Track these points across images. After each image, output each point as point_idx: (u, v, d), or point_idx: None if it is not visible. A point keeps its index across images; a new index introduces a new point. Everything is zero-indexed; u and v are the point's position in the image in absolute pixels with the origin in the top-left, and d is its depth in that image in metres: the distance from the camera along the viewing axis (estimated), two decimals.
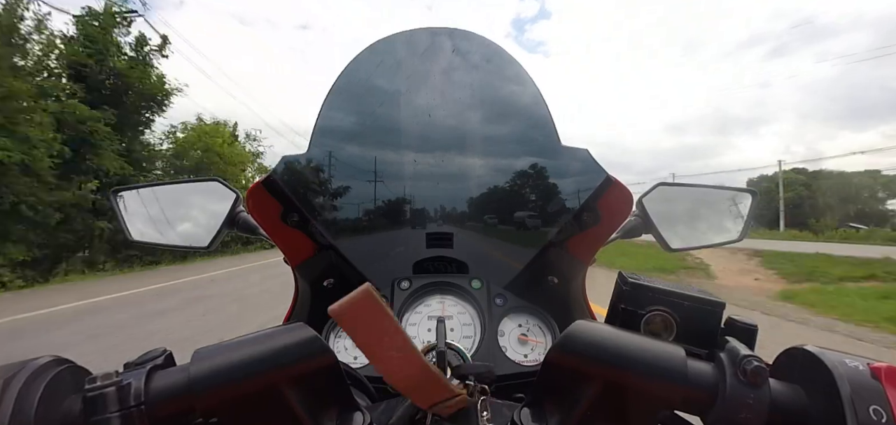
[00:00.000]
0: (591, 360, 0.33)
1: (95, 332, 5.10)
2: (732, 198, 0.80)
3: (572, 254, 0.63)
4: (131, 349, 0.37)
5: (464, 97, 0.65)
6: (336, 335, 0.58)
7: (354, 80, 0.63)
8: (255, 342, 0.33)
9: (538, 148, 0.63)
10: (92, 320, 5.82)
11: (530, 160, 0.63)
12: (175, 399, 0.30)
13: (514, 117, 0.66)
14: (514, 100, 0.66)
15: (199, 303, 6.82)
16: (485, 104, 0.65)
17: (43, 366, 0.29)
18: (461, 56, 0.65)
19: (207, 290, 8.17)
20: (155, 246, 0.76)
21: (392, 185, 0.63)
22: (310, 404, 0.34)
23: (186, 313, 6.12)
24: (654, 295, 0.38)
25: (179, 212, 0.77)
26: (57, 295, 8.04)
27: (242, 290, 8.06)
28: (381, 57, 0.64)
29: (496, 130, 0.65)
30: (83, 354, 3.25)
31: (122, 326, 5.47)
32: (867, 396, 0.28)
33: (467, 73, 0.65)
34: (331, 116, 0.62)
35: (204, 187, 0.78)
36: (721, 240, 0.79)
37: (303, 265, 0.64)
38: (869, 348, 4.32)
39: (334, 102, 0.62)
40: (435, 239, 0.63)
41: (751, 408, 0.29)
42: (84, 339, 4.80)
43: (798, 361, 0.33)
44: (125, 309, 6.59)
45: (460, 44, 0.65)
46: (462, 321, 0.58)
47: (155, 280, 9.76)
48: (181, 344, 0.38)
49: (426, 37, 0.65)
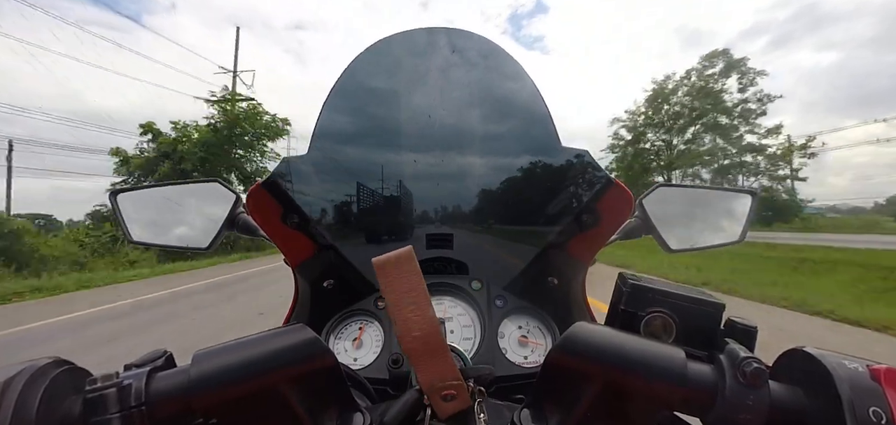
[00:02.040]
0: (590, 362, 0.33)
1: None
2: (732, 199, 0.80)
3: (572, 255, 0.63)
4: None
5: (463, 97, 0.65)
6: (336, 336, 0.58)
7: (354, 82, 0.63)
8: (256, 343, 0.33)
9: (538, 148, 0.63)
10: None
11: (530, 161, 0.63)
12: (175, 400, 0.30)
13: (513, 117, 0.66)
14: (514, 100, 0.66)
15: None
16: (484, 104, 0.65)
17: (43, 368, 0.29)
18: (460, 56, 0.65)
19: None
20: (155, 247, 0.76)
21: (392, 186, 0.63)
22: (310, 405, 0.34)
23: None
24: (654, 296, 0.38)
25: (179, 214, 0.77)
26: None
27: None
28: (379, 58, 0.64)
29: (496, 131, 0.65)
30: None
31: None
32: (866, 398, 0.28)
33: (466, 73, 0.65)
34: (331, 118, 0.62)
35: (204, 188, 0.78)
36: (721, 241, 0.79)
37: (303, 266, 0.64)
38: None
39: (334, 104, 0.62)
40: (435, 240, 0.63)
41: (750, 410, 0.29)
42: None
43: (798, 363, 0.33)
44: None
45: (459, 43, 0.65)
46: (462, 322, 0.58)
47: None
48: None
49: (425, 37, 0.65)
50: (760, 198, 11.65)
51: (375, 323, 0.58)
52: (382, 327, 0.57)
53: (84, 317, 5.90)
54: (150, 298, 7.31)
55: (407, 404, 0.37)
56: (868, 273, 8.35)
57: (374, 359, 0.55)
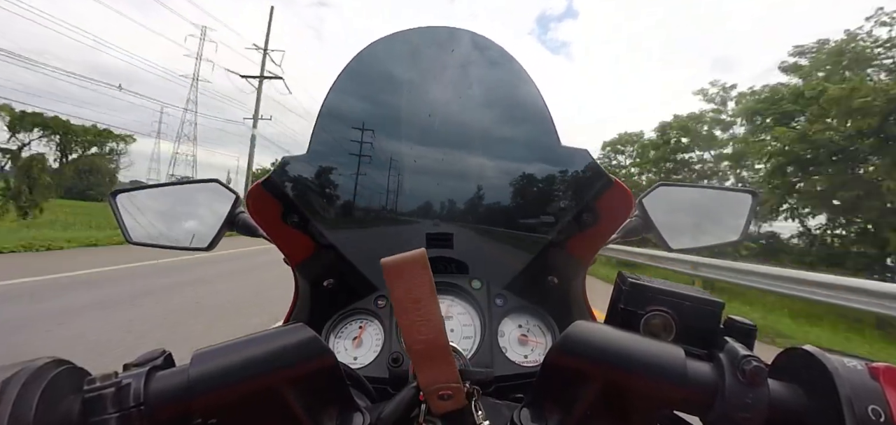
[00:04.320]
0: (590, 361, 0.33)
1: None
2: (732, 199, 0.80)
3: (572, 255, 0.63)
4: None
5: (464, 97, 0.65)
6: (336, 335, 0.58)
7: (354, 81, 0.63)
8: (255, 343, 0.33)
9: (538, 148, 0.63)
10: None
11: (530, 160, 0.63)
12: (174, 400, 0.30)
13: (513, 117, 0.66)
14: (514, 100, 0.66)
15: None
16: (485, 104, 0.65)
17: (42, 367, 0.29)
18: (461, 56, 0.65)
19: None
20: (154, 247, 0.76)
21: (393, 185, 0.63)
22: (309, 404, 0.34)
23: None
24: (654, 295, 0.38)
25: (179, 213, 0.77)
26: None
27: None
28: (380, 57, 0.64)
29: (496, 130, 0.65)
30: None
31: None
32: (866, 396, 0.28)
33: (467, 73, 0.65)
34: (330, 117, 0.62)
35: (203, 188, 0.78)
36: (721, 241, 0.79)
37: (303, 265, 0.64)
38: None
39: (334, 103, 0.62)
40: (435, 239, 0.63)
41: (750, 408, 0.29)
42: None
43: (797, 361, 0.33)
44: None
45: (460, 43, 0.65)
46: (462, 321, 0.58)
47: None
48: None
49: (425, 36, 0.65)
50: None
51: (376, 322, 0.58)
52: (382, 326, 0.57)
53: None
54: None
55: (403, 401, 0.37)
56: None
57: (375, 358, 0.55)
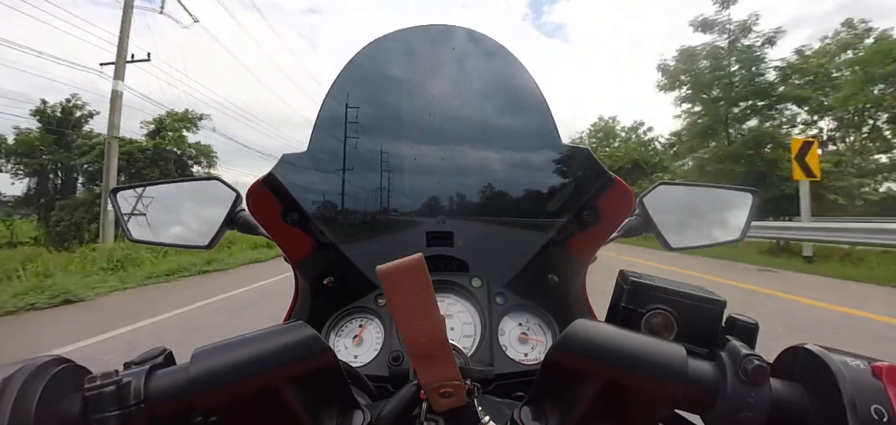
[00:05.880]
0: (591, 359, 0.33)
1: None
2: (733, 198, 0.80)
3: (573, 253, 0.63)
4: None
5: (464, 95, 0.65)
6: (336, 334, 0.58)
7: (353, 80, 0.63)
8: (255, 341, 0.33)
9: (539, 146, 0.63)
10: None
11: (531, 158, 0.63)
12: (175, 398, 0.30)
13: (514, 115, 0.66)
14: (515, 98, 0.66)
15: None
16: (485, 102, 0.65)
17: (42, 366, 0.29)
18: (461, 53, 0.65)
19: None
20: (155, 245, 0.76)
21: (392, 184, 0.63)
22: (310, 403, 0.34)
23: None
24: (655, 293, 0.38)
25: (179, 212, 0.77)
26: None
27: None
28: (379, 56, 0.64)
29: (497, 128, 0.65)
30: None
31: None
32: (869, 395, 0.28)
33: (467, 71, 0.65)
34: (330, 116, 0.62)
35: (204, 186, 0.78)
36: (722, 239, 0.79)
37: (303, 263, 0.64)
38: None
39: (333, 102, 0.62)
40: (435, 237, 0.63)
41: (752, 407, 0.29)
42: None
43: (799, 360, 0.33)
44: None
45: (460, 41, 0.65)
46: (462, 320, 0.58)
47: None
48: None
49: (425, 34, 0.65)
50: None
51: (376, 320, 0.58)
52: (383, 325, 0.57)
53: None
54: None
55: (404, 398, 0.37)
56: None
57: (375, 357, 0.55)
